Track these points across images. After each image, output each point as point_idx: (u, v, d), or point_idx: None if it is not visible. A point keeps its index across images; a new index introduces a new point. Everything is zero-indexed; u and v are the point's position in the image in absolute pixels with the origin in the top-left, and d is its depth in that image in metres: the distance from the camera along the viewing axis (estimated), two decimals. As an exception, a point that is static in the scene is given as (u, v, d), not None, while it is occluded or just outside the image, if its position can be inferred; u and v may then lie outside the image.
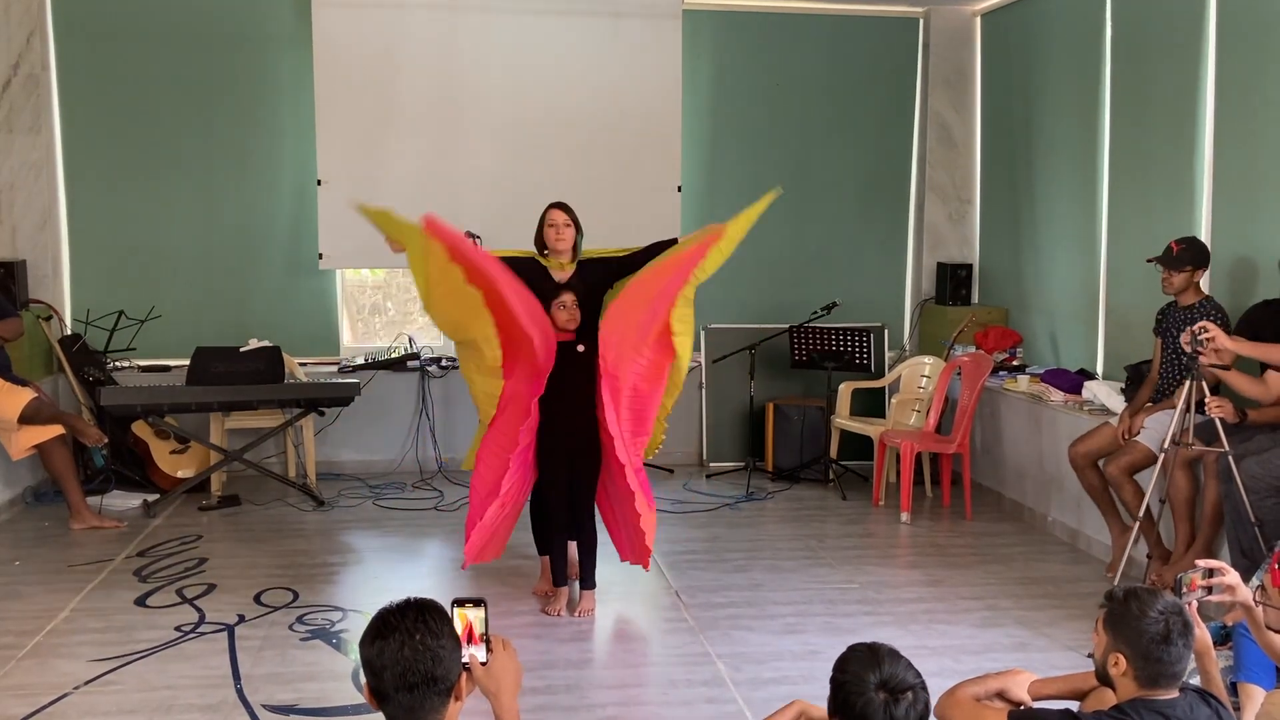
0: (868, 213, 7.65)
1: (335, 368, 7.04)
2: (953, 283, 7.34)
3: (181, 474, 6.40)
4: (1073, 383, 5.95)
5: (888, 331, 7.48)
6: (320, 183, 6.88)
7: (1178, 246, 4.86)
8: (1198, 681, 2.52)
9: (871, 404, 7.31)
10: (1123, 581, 4.72)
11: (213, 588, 4.89)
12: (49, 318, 6.67)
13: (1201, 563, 2.64)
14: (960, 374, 6.46)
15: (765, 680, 3.97)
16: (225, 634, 4.35)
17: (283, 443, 6.90)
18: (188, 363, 6.26)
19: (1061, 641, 4.36)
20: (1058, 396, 5.93)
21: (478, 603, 2.16)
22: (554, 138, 7.07)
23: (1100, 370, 6.13)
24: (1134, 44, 5.82)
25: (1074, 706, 2.48)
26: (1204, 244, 4.95)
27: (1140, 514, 4.71)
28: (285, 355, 6.53)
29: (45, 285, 6.76)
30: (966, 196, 7.63)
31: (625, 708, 3.84)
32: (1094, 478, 5.20)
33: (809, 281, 7.43)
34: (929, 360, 6.93)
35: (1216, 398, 4.45)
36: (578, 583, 4.74)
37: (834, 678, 2.15)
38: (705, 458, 7.41)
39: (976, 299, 7.46)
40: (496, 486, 4.48)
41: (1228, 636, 3.25)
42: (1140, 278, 5.40)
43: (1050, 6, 6.65)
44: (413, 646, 1.90)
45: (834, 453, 6.93)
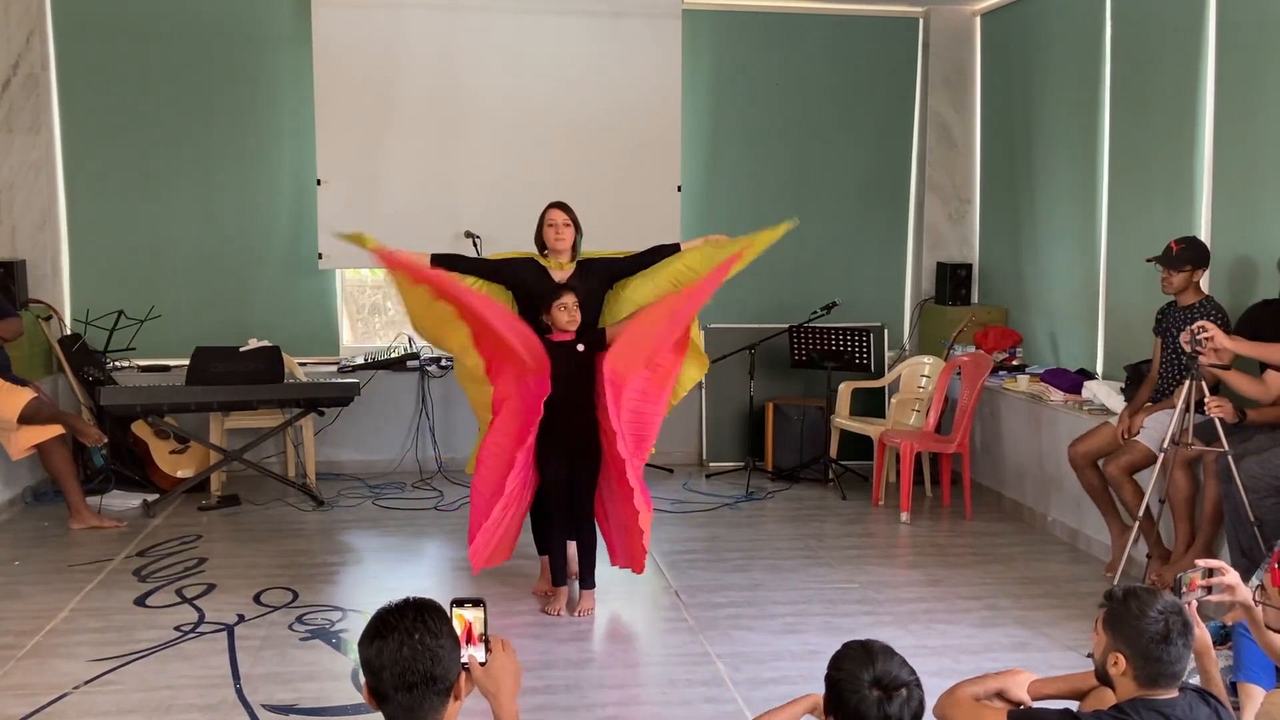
0: (868, 212, 7.65)
1: (335, 367, 7.04)
2: (952, 282, 7.34)
3: (181, 474, 6.40)
4: (1072, 382, 5.95)
5: (887, 331, 7.49)
6: (320, 182, 6.88)
7: (1177, 246, 4.86)
8: (1197, 681, 2.52)
9: (871, 404, 7.30)
10: (1122, 581, 4.72)
11: (212, 587, 4.89)
12: (48, 317, 6.67)
13: (1201, 562, 2.64)
14: (960, 374, 6.46)
15: (765, 680, 3.97)
16: (225, 634, 4.35)
17: (282, 443, 6.90)
18: (187, 363, 6.25)
19: (1061, 641, 4.36)
20: (1057, 396, 5.93)
21: (477, 603, 2.15)
22: (554, 138, 7.07)
23: (1100, 370, 6.13)
24: (1134, 44, 5.82)
25: (1074, 706, 2.48)
26: (1204, 244, 4.95)
27: (1140, 514, 4.71)
28: (285, 355, 6.52)
29: (45, 285, 6.76)
30: (966, 196, 7.63)
31: (625, 708, 3.84)
32: (1094, 477, 5.20)
33: (809, 281, 7.42)
34: (929, 360, 6.93)
35: (1216, 397, 4.45)
36: (577, 582, 4.74)
37: (829, 675, 2.15)
38: (705, 457, 7.41)
39: (976, 299, 7.46)
40: (500, 489, 4.47)
41: (1227, 636, 3.25)
42: (1140, 277, 5.40)
43: (1050, 6, 6.64)
44: (411, 646, 1.90)
45: (834, 452, 6.93)
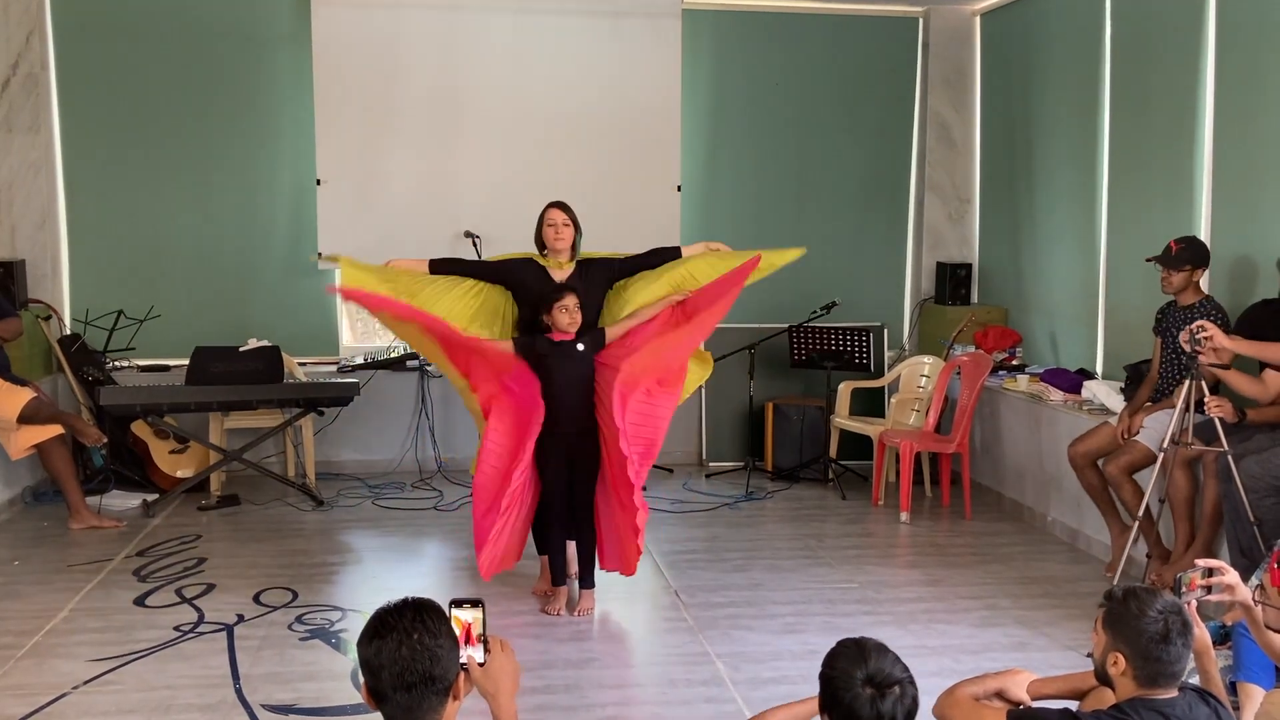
0: (867, 212, 7.65)
1: (334, 367, 7.04)
2: (952, 282, 7.34)
3: (181, 474, 6.40)
4: (1072, 382, 5.95)
5: (887, 331, 7.49)
6: (320, 182, 6.88)
7: (1177, 246, 4.86)
8: (1197, 681, 2.52)
9: (871, 404, 7.30)
10: (1122, 581, 4.72)
11: (212, 587, 4.89)
12: (48, 317, 6.67)
13: (1201, 562, 2.64)
14: (960, 373, 6.46)
15: (764, 680, 3.96)
16: (224, 634, 4.35)
17: (282, 442, 6.90)
18: (187, 362, 6.25)
19: (1061, 641, 4.36)
20: (1057, 396, 5.93)
21: (475, 603, 2.15)
22: (554, 138, 7.07)
23: (1100, 370, 6.12)
24: (1134, 44, 5.81)
25: (1073, 706, 2.48)
26: (1203, 243, 4.95)
27: (1140, 513, 4.70)
28: (284, 355, 6.52)
29: (44, 285, 6.76)
30: (966, 196, 7.63)
31: (625, 707, 3.84)
32: (1093, 477, 5.20)
33: (808, 281, 7.38)
34: (928, 360, 6.92)
35: (1216, 397, 4.45)
36: (577, 582, 4.74)
37: (823, 673, 2.15)
38: (705, 457, 7.41)
39: (976, 298, 7.45)
40: (502, 494, 4.45)
41: (1227, 636, 3.24)
42: (1140, 277, 5.40)
43: (1050, 6, 6.64)
44: (410, 646, 1.89)
45: (833, 452, 6.92)
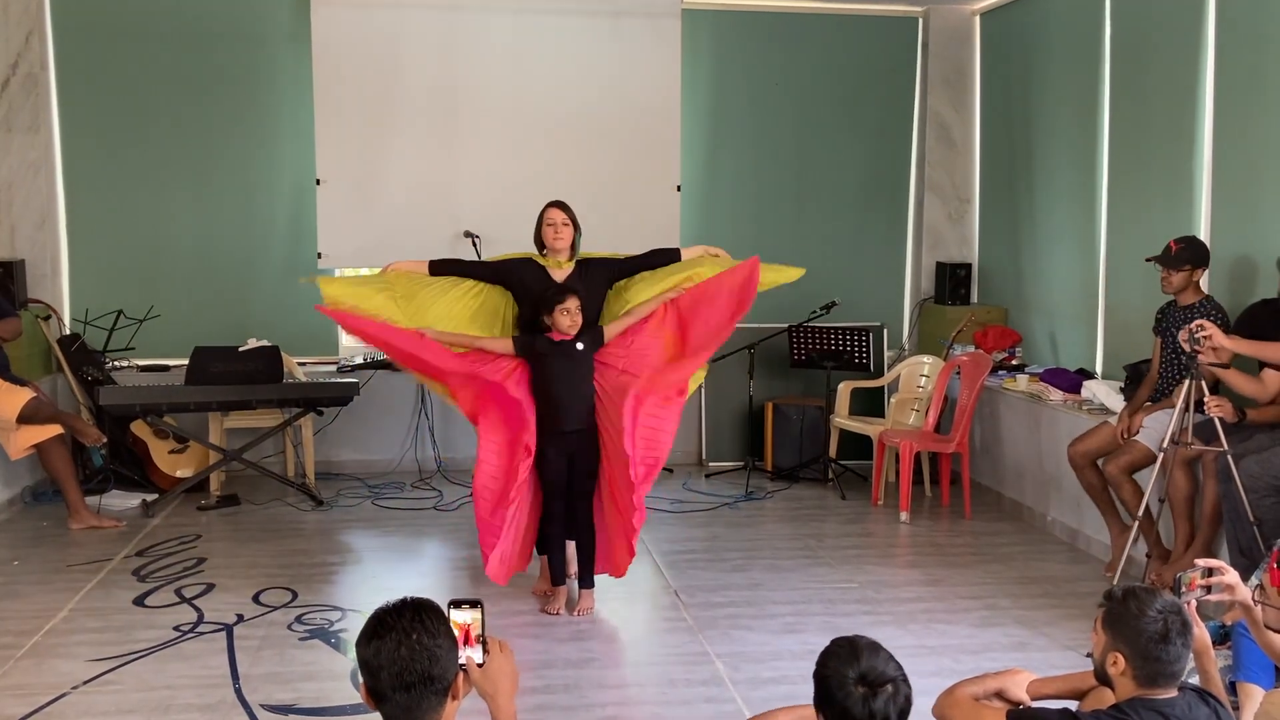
0: (867, 212, 7.65)
1: (334, 367, 7.04)
2: (952, 282, 7.34)
3: (180, 473, 6.40)
4: (1072, 382, 5.94)
5: (887, 331, 7.48)
6: (319, 182, 6.88)
7: (1177, 246, 4.86)
8: (1197, 681, 2.52)
9: (871, 403, 7.30)
10: (1122, 581, 4.72)
11: (211, 587, 4.89)
12: (48, 317, 6.67)
13: (1201, 562, 2.64)
14: (959, 373, 6.46)
15: (764, 680, 3.96)
16: (224, 634, 4.35)
17: (282, 442, 6.90)
18: (186, 362, 6.24)
19: (1060, 641, 4.36)
20: (1057, 396, 5.93)
21: (474, 604, 2.14)
22: (553, 138, 7.07)
23: (1099, 369, 6.12)
24: (1134, 44, 5.81)
25: (1073, 706, 2.48)
26: (1203, 243, 4.94)
27: (1139, 513, 4.70)
28: (284, 355, 6.51)
29: (44, 285, 6.76)
30: (966, 196, 7.62)
31: (624, 707, 3.83)
32: (1093, 477, 5.20)
33: (808, 281, 7.31)
34: (928, 360, 6.92)
35: (1215, 397, 4.45)
36: (576, 582, 4.73)
37: (816, 672, 2.16)
38: (704, 457, 7.41)
39: (976, 298, 7.45)
40: (504, 499, 4.44)
41: (1227, 636, 3.24)
42: (1140, 277, 5.40)
43: (1050, 6, 6.64)
44: (409, 646, 1.89)
45: (833, 452, 6.92)
